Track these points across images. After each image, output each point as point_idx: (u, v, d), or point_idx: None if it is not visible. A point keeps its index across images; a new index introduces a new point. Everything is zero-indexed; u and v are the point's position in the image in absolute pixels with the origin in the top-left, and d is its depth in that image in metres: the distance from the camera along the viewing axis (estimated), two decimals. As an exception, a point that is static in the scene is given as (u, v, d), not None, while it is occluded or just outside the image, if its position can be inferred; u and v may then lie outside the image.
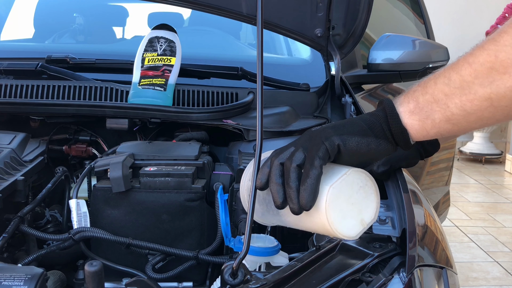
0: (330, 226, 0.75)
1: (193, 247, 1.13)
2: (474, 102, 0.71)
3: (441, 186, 2.79)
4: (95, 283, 0.78)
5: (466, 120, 0.73)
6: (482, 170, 5.80)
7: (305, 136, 0.80)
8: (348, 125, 0.79)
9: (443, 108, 0.74)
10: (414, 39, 1.87)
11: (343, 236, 0.77)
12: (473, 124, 0.75)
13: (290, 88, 1.58)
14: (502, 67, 0.68)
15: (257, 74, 0.83)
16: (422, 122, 0.76)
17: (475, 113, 0.72)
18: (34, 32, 2.41)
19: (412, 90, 0.78)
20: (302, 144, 0.78)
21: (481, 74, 0.70)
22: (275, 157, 0.79)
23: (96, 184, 1.15)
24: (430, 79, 0.76)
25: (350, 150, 0.77)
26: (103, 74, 1.57)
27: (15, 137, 1.30)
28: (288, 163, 0.77)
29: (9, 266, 0.85)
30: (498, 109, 0.71)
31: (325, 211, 0.74)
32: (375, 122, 0.79)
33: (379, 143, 0.78)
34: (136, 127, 1.43)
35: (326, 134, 0.77)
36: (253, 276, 0.78)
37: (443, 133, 0.77)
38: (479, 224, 4.11)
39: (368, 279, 0.82)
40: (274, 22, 1.47)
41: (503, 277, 3.24)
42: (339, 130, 0.77)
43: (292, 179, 0.75)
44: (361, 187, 0.78)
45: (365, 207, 0.79)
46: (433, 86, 0.75)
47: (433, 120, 0.75)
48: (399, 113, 0.78)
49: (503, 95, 0.69)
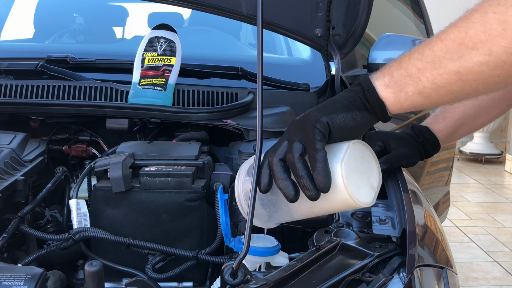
0: (352, 199, 0.78)
1: (193, 247, 1.13)
2: (444, 76, 0.74)
3: (441, 186, 2.79)
4: (95, 283, 0.78)
5: (437, 93, 0.77)
6: (482, 170, 5.80)
7: (294, 127, 0.81)
8: (330, 104, 0.82)
9: (416, 81, 0.77)
10: (414, 39, 1.87)
11: (364, 204, 0.80)
12: (443, 97, 0.78)
13: (290, 88, 1.58)
14: (471, 42, 0.71)
15: (257, 74, 0.83)
16: (396, 94, 0.80)
17: (445, 87, 0.75)
18: (34, 32, 2.41)
19: (388, 66, 0.82)
20: (294, 135, 0.80)
21: (451, 49, 0.73)
22: (272, 155, 0.80)
23: (96, 184, 1.15)
24: (405, 55, 0.80)
25: (339, 126, 0.80)
26: (103, 74, 1.57)
27: (15, 137, 1.30)
28: (290, 156, 0.79)
29: (9, 266, 0.85)
30: (466, 83, 0.74)
31: (345, 186, 0.77)
32: (354, 96, 0.82)
33: (363, 115, 0.82)
34: (136, 127, 1.43)
35: (313, 118, 0.79)
36: (253, 276, 0.78)
37: (416, 105, 0.80)
38: (479, 224, 4.11)
39: (368, 279, 0.83)
40: (274, 22, 1.47)
41: (503, 277, 3.24)
42: (324, 111, 0.80)
43: (300, 169, 0.77)
44: (362, 156, 0.82)
45: (370, 173, 0.83)
46: (407, 61, 0.79)
47: (406, 93, 0.79)
48: (375, 87, 0.81)
49: (471, 69, 0.72)
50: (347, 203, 0.80)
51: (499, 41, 0.69)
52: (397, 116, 2.15)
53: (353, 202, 0.79)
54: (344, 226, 0.99)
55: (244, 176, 0.88)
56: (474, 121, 1.22)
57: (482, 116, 1.22)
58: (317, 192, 0.77)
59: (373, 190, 0.83)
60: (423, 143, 1.15)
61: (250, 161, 0.90)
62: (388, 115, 0.82)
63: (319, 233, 0.97)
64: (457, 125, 1.20)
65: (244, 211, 0.87)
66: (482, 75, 0.72)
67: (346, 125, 0.80)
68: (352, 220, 1.02)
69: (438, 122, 1.20)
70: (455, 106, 1.21)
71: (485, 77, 0.72)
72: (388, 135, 1.14)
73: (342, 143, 0.81)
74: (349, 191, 0.78)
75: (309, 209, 0.84)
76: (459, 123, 1.20)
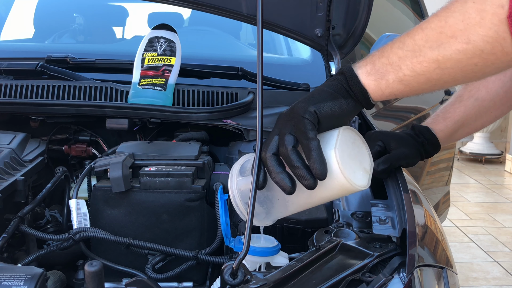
0: (349, 183, 0.79)
1: (193, 247, 1.13)
2: (423, 63, 0.76)
3: (441, 186, 2.79)
4: (95, 283, 0.78)
5: (416, 81, 0.78)
6: (482, 170, 5.80)
7: (282, 121, 0.82)
8: (316, 94, 0.83)
9: (396, 69, 0.79)
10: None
11: (360, 187, 0.81)
12: (423, 85, 0.79)
13: (290, 88, 1.58)
14: (450, 31, 0.72)
15: (257, 74, 0.83)
16: (377, 82, 0.81)
17: (424, 74, 0.77)
18: (34, 32, 2.41)
19: (371, 55, 0.83)
20: (284, 128, 0.81)
21: (431, 38, 0.75)
22: (264, 151, 0.81)
23: (96, 184, 1.15)
24: (387, 45, 0.82)
25: (326, 115, 0.81)
26: (103, 74, 1.57)
27: (15, 137, 1.30)
28: (283, 149, 0.80)
29: (9, 266, 0.85)
30: (444, 71, 0.75)
31: (341, 171, 0.79)
32: (338, 85, 0.84)
33: (348, 102, 0.83)
34: (136, 127, 1.43)
35: (301, 109, 0.80)
36: (253, 276, 0.78)
37: (396, 93, 0.81)
38: (479, 224, 4.11)
39: (368, 279, 0.82)
40: (274, 22, 1.47)
41: (503, 277, 3.24)
42: (311, 101, 0.81)
43: (294, 160, 0.78)
44: (353, 142, 0.84)
45: (362, 157, 0.85)
46: (388, 50, 0.80)
47: (387, 81, 0.80)
48: (358, 75, 0.82)
49: (449, 58, 0.73)
50: (344, 188, 0.81)
51: (477, 30, 0.70)
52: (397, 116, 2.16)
53: (350, 186, 0.80)
54: (344, 226, 0.99)
55: (236, 176, 0.88)
56: (475, 121, 1.22)
57: (483, 117, 1.22)
58: (315, 180, 0.78)
59: (366, 173, 0.84)
60: (423, 143, 1.15)
61: (240, 162, 0.91)
62: (371, 102, 0.83)
63: (319, 233, 0.97)
64: (458, 125, 1.20)
65: (241, 212, 0.88)
66: (460, 63, 0.73)
67: (333, 113, 0.81)
68: (352, 220, 1.02)
69: (439, 122, 1.20)
70: (456, 107, 1.21)
71: (463, 65, 0.73)
72: (388, 135, 1.14)
73: (332, 131, 0.82)
74: (346, 175, 0.79)
75: (307, 199, 0.85)
76: (460, 123, 1.20)
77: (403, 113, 2.23)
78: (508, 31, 0.68)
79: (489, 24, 0.69)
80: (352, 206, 1.11)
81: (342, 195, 0.87)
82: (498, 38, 0.69)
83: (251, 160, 0.89)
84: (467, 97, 1.21)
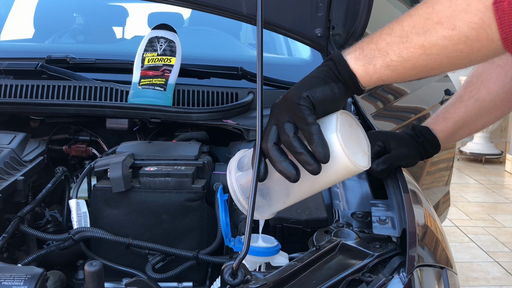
0: (353, 164, 0.81)
1: (193, 247, 1.13)
2: (410, 49, 0.77)
3: (441, 186, 2.79)
4: (95, 283, 0.78)
5: (403, 66, 0.79)
6: (482, 170, 5.80)
7: (277, 110, 0.83)
8: (307, 81, 0.84)
9: (384, 55, 0.79)
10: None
11: (363, 167, 0.83)
12: (409, 71, 0.80)
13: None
14: (436, 17, 0.73)
15: (257, 74, 0.83)
16: (365, 67, 0.82)
17: (410, 60, 0.77)
18: (34, 32, 2.41)
19: (360, 41, 0.84)
20: (281, 117, 0.81)
21: (418, 24, 0.76)
22: (264, 142, 0.82)
23: (96, 184, 1.15)
24: (377, 32, 0.82)
25: (319, 99, 0.81)
26: (103, 74, 1.57)
27: (15, 137, 1.30)
28: (284, 137, 0.80)
29: (9, 266, 0.85)
30: (430, 57, 0.76)
31: (344, 153, 0.80)
32: (328, 70, 0.84)
33: (339, 86, 0.83)
34: (136, 127, 1.43)
35: (295, 96, 0.81)
36: (253, 276, 0.78)
37: (384, 78, 0.82)
38: (479, 224, 4.11)
39: (368, 279, 0.83)
40: (274, 22, 1.47)
41: (503, 277, 3.24)
42: (303, 87, 0.82)
43: (297, 146, 0.79)
44: (350, 125, 0.85)
45: (360, 139, 0.86)
46: (377, 36, 0.81)
47: (374, 65, 0.81)
48: (347, 60, 0.83)
49: (435, 43, 0.74)
50: (348, 170, 0.82)
51: (463, 16, 0.71)
52: (397, 116, 2.15)
53: (354, 167, 0.81)
54: (344, 226, 0.99)
55: (235, 172, 0.88)
56: (475, 122, 1.22)
57: (483, 118, 1.22)
58: (319, 165, 0.79)
59: (366, 155, 0.86)
60: (423, 143, 1.15)
61: (236, 158, 0.91)
62: (360, 88, 0.84)
63: (319, 233, 0.97)
64: (458, 125, 1.20)
65: (244, 207, 0.87)
66: (445, 50, 0.74)
67: (326, 98, 0.82)
68: (352, 220, 1.02)
69: (439, 123, 1.20)
70: (456, 107, 1.21)
71: (448, 51, 0.74)
72: (388, 135, 1.14)
73: (330, 115, 0.83)
74: (349, 157, 0.80)
75: (311, 186, 0.86)
76: (460, 123, 1.20)
77: (403, 113, 2.23)
78: (493, 18, 0.69)
79: (475, 11, 0.70)
80: (352, 206, 1.11)
81: (344, 178, 0.88)
82: (483, 24, 0.70)
83: (248, 154, 0.89)
84: (467, 98, 1.21)
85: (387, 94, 2.14)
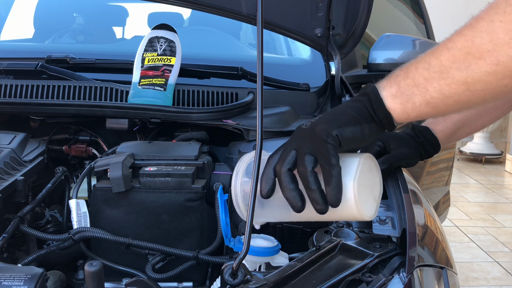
0: (359, 214, 0.80)
1: (193, 247, 1.13)
2: (452, 86, 0.74)
3: (441, 186, 2.79)
4: (95, 283, 0.78)
5: (444, 103, 0.76)
6: (482, 170, 5.80)
7: (301, 137, 0.81)
8: (339, 116, 0.81)
9: (423, 92, 0.77)
10: (414, 39, 1.87)
11: (368, 218, 0.82)
12: (451, 108, 0.78)
13: (290, 88, 1.58)
14: (478, 52, 0.71)
15: (257, 74, 0.83)
16: (403, 105, 0.79)
17: (453, 97, 0.75)
18: (34, 32, 2.40)
19: (395, 75, 0.81)
20: (304, 146, 0.79)
21: (458, 59, 0.73)
22: (280, 165, 0.80)
23: (96, 184, 1.15)
24: (411, 64, 0.79)
25: (348, 139, 0.80)
26: (103, 74, 1.57)
27: (15, 137, 1.30)
28: (302, 168, 0.78)
29: (9, 266, 0.85)
30: (474, 93, 0.74)
31: (355, 203, 0.78)
32: (362, 108, 0.82)
33: (371, 127, 0.82)
34: (136, 127, 1.43)
35: (324, 131, 0.79)
36: (253, 276, 0.78)
37: (423, 115, 0.80)
38: (479, 224, 4.11)
39: (368, 279, 0.83)
40: (274, 22, 1.47)
41: (503, 277, 3.24)
42: (334, 124, 0.80)
43: (312, 182, 0.77)
44: (369, 170, 0.83)
45: (374, 184, 0.84)
46: (414, 71, 0.78)
47: (413, 103, 0.78)
48: (382, 98, 0.81)
49: (478, 79, 0.72)
50: (352, 216, 0.81)
51: (506, 51, 0.68)
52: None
53: (359, 216, 0.80)
54: (344, 226, 0.99)
55: (242, 175, 0.88)
56: (475, 122, 1.22)
57: (483, 117, 1.22)
58: (327, 206, 0.78)
59: (375, 202, 0.84)
60: (423, 143, 1.15)
61: (247, 160, 0.89)
62: (394, 125, 0.82)
63: (319, 233, 0.97)
64: (458, 126, 1.20)
65: (241, 213, 0.87)
66: (490, 85, 0.72)
67: (354, 138, 0.80)
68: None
69: (439, 123, 1.20)
70: None
71: (493, 87, 0.72)
72: (388, 135, 1.14)
73: (353, 158, 0.81)
74: (358, 206, 0.79)
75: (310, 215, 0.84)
76: (460, 124, 1.20)
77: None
78: None
79: None
80: (352, 206, 1.10)
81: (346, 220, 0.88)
82: None
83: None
84: None
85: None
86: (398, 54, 1.75)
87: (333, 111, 0.83)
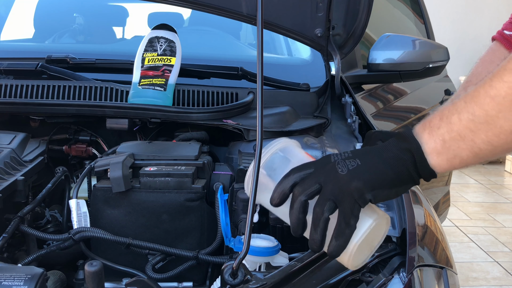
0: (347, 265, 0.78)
1: (193, 247, 1.13)
2: (501, 136, 0.72)
3: (441, 186, 2.79)
4: (95, 283, 0.78)
5: (493, 153, 0.74)
6: (482, 170, 5.80)
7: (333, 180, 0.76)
8: (376, 175, 0.77)
9: (470, 144, 0.74)
10: (414, 39, 1.87)
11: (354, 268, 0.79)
12: (498, 155, 0.76)
13: (290, 88, 1.58)
14: None
15: (257, 74, 0.83)
16: (450, 161, 0.77)
17: (502, 146, 0.73)
18: (34, 32, 2.41)
19: (436, 127, 0.77)
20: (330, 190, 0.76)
21: (504, 108, 0.71)
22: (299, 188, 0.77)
23: (96, 184, 1.15)
24: (452, 114, 0.76)
25: (379, 200, 0.77)
26: (103, 74, 1.57)
27: (15, 137, 1.30)
28: (318, 210, 0.75)
29: (9, 266, 0.85)
30: None
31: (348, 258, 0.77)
32: (403, 170, 0.78)
33: (406, 187, 0.79)
34: (136, 127, 1.43)
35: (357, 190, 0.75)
36: (253, 276, 0.78)
37: (469, 165, 0.78)
38: (479, 224, 4.11)
39: (368, 279, 0.83)
40: (274, 22, 1.47)
41: (503, 277, 3.24)
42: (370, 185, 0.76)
43: (320, 227, 0.75)
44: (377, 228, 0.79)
45: (376, 238, 0.81)
46: (457, 123, 0.75)
47: (461, 158, 0.76)
48: (427, 155, 0.77)
49: None
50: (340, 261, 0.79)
51: None
52: (397, 116, 2.16)
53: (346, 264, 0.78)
54: (344, 226, 0.98)
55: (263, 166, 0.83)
56: None
57: None
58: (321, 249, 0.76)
59: (370, 251, 0.81)
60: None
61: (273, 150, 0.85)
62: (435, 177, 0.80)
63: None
64: None
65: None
66: None
67: (386, 199, 0.78)
68: (352, 220, 1.02)
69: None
70: None
71: None
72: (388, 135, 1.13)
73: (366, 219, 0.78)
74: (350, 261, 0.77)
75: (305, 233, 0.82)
76: None
77: (403, 113, 2.23)
78: None
79: None
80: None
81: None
82: None
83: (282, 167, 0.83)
84: None
85: (387, 94, 2.15)
86: (398, 54, 1.75)
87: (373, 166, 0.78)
